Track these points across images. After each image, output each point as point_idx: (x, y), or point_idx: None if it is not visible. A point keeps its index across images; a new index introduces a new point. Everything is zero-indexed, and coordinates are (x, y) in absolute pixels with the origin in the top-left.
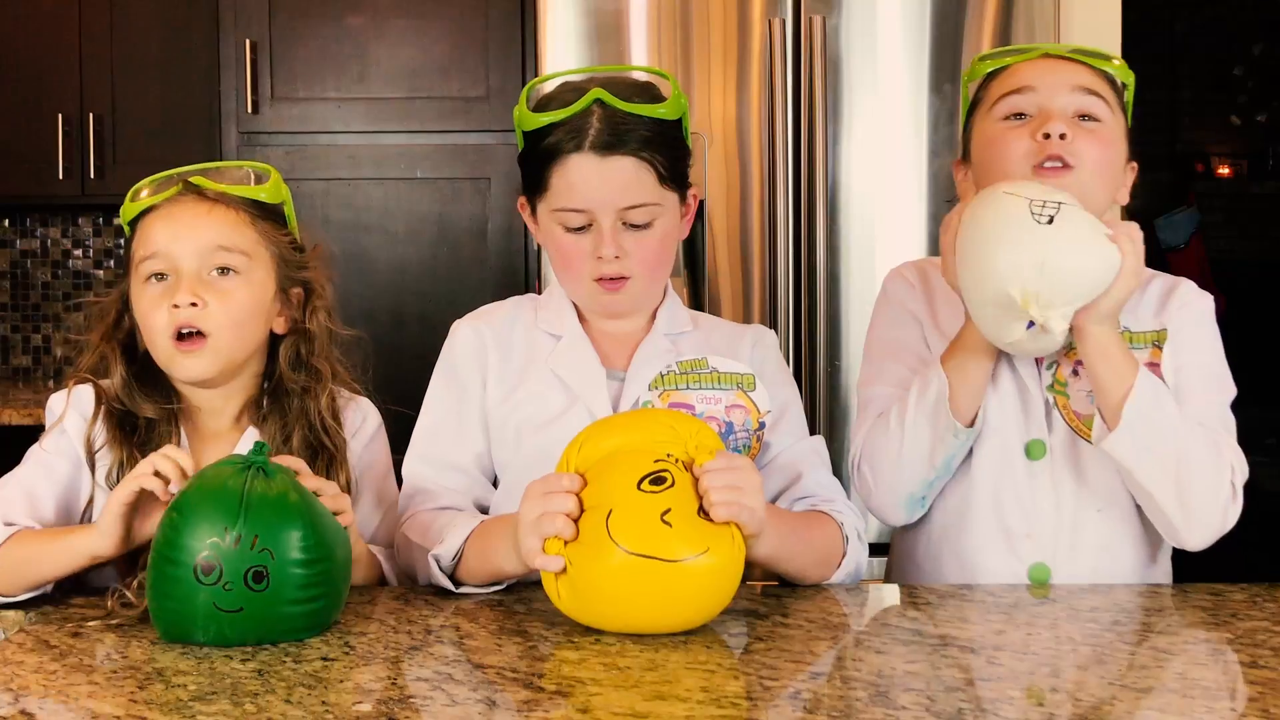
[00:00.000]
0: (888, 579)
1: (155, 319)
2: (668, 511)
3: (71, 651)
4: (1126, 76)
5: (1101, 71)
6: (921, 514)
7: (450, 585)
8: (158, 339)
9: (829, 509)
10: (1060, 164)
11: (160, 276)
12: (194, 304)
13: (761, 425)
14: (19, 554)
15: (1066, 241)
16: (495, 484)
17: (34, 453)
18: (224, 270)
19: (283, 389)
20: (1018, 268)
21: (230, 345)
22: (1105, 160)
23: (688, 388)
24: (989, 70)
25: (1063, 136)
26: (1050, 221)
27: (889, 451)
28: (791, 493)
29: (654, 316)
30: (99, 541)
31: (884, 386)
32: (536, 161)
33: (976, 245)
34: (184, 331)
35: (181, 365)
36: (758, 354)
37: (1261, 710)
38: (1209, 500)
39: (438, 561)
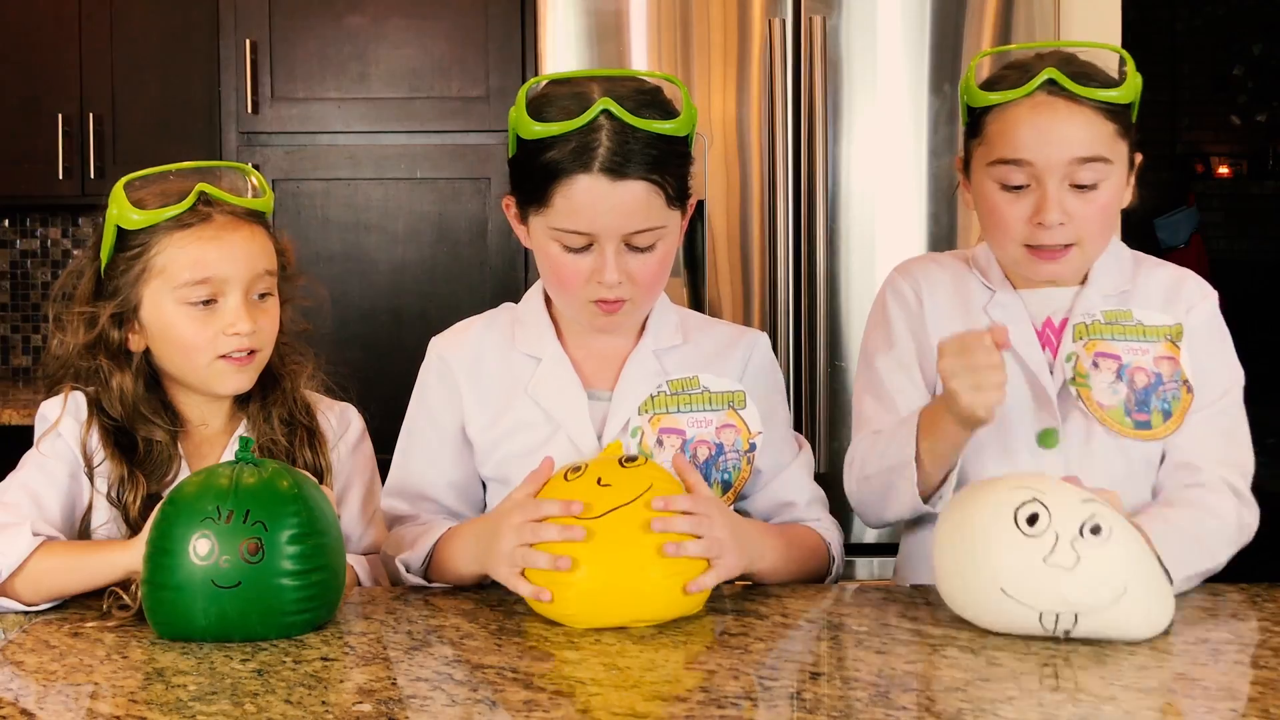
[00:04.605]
0: (897, 575)
1: (201, 339)
2: (600, 479)
3: (71, 651)
4: (1133, 94)
5: (1104, 107)
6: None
7: (424, 583)
8: (201, 359)
9: (819, 528)
10: (1059, 247)
11: (205, 299)
12: (253, 330)
13: (752, 447)
14: (48, 564)
15: (1090, 633)
16: (485, 497)
17: (31, 457)
18: (262, 295)
19: (270, 376)
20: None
21: (267, 358)
22: (1107, 218)
23: (678, 410)
24: (985, 105)
25: (1061, 224)
26: (1067, 635)
27: (874, 502)
28: (779, 518)
29: (643, 327)
30: (138, 556)
31: (873, 401)
32: (538, 175)
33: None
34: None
35: (230, 379)
36: (753, 363)
37: (1261, 710)
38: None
39: (406, 567)
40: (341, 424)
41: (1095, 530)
